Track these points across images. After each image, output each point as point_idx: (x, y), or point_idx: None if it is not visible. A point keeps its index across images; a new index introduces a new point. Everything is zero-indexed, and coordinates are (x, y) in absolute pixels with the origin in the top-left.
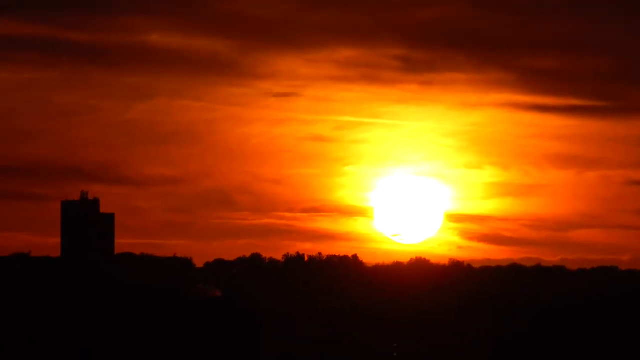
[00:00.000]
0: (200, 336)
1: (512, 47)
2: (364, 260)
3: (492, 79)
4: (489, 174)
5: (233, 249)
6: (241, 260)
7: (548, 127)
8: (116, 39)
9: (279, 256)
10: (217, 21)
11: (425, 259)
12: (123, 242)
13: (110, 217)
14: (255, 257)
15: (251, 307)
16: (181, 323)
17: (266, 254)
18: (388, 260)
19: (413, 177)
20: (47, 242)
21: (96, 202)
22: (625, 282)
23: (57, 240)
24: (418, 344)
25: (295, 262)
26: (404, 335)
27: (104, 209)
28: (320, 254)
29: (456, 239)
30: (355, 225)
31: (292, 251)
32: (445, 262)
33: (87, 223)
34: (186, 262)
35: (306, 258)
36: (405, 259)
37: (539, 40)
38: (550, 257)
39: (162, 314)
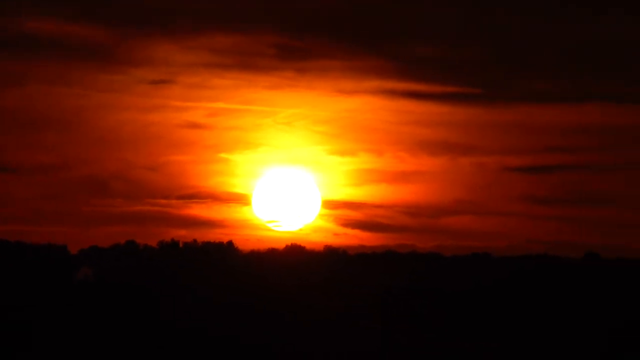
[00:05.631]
0: (73, 324)
1: (389, 35)
2: (239, 247)
3: (368, 66)
4: (364, 161)
5: (108, 236)
6: (116, 247)
7: (422, 114)
8: None
9: (153, 243)
10: (94, 7)
11: (300, 245)
12: None
13: None
14: (130, 244)
15: (127, 293)
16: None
17: (141, 241)
18: (263, 247)
19: (288, 163)
20: None
21: None
22: (498, 268)
23: None
24: (297, 331)
25: (170, 248)
26: (281, 322)
27: None
28: (195, 240)
29: (332, 225)
30: (231, 212)
31: (167, 238)
32: (321, 248)
33: None
34: (61, 249)
35: (181, 244)
36: (280, 246)
37: (416, 29)
38: (425, 244)
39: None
